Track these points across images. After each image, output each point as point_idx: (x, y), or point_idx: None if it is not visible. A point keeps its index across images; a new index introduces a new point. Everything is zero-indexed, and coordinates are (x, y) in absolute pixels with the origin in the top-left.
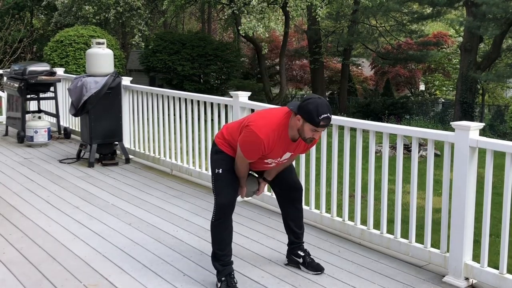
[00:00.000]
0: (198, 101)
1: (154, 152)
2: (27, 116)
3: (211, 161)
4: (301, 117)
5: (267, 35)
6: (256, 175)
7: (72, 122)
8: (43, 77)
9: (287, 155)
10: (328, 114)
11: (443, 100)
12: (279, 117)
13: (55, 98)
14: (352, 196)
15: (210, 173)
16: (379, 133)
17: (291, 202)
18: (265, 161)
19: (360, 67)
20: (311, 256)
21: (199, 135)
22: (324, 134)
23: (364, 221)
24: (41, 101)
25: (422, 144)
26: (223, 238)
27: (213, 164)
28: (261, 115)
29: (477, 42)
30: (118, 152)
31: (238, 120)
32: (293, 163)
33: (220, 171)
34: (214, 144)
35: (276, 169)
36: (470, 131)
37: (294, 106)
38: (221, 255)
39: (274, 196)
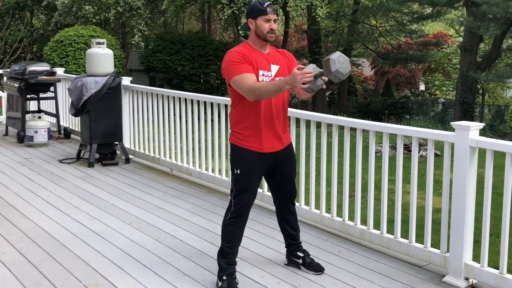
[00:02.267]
0: (198, 101)
1: (154, 152)
2: (27, 116)
3: (229, 160)
4: (250, 18)
5: None
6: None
7: (72, 122)
8: (43, 77)
9: (275, 67)
10: (270, 1)
11: (443, 100)
12: (241, 44)
13: (55, 98)
14: (352, 196)
15: (210, 173)
16: (379, 133)
17: (287, 205)
18: (262, 73)
19: (360, 67)
20: (311, 256)
21: (199, 135)
22: (324, 134)
23: (364, 221)
24: (41, 101)
25: (422, 144)
26: (234, 237)
27: (231, 164)
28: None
29: (477, 42)
30: (118, 152)
31: None
32: (295, 164)
33: (238, 172)
34: (229, 142)
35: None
36: (470, 131)
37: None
38: (229, 253)
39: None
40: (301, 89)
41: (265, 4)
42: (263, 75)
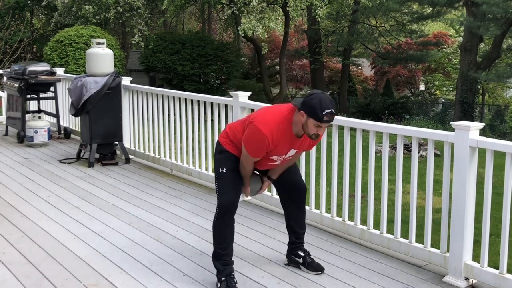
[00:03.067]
0: (198, 101)
1: (154, 152)
2: (27, 116)
3: (215, 160)
4: (305, 112)
5: (266, 36)
6: (259, 174)
7: (72, 122)
8: (43, 77)
9: (292, 152)
10: (332, 109)
11: (443, 100)
12: (283, 112)
13: (55, 98)
14: (352, 196)
15: (210, 173)
16: (379, 133)
17: (294, 202)
18: (271, 157)
19: (360, 67)
20: (311, 256)
21: (199, 135)
22: (324, 134)
23: (364, 221)
24: (41, 101)
25: (422, 144)
26: (225, 238)
27: (217, 163)
28: (265, 112)
29: (477, 42)
30: (118, 152)
31: (241, 119)
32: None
33: (224, 171)
34: (218, 143)
35: (282, 166)
36: (470, 131)
37: (298, 102)
38: (222, 254)
39: (274, 196)
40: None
41: (325, 112)
42: (276, 158)
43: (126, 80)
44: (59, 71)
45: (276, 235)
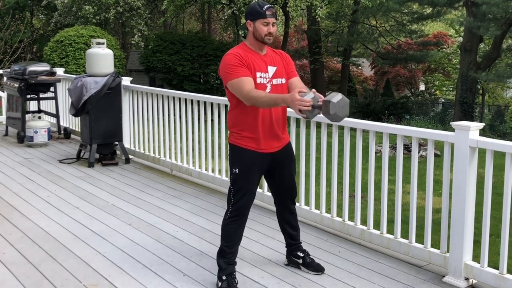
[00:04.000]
0: (198, 101)
1: (154, 152)
2: (27, 116)
3: (228, 159)
4: (249, 20)
5: None
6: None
7: (72, 122)
8: (43, 77)
9: (273, 69)
10: (269, 4)
11: (443, 100)
12: (238, 45)
13: (55, 98)
14: (352, 196)
15: (210, 173)
16: (379, 133)
17: (288, 205)
18: (257, 78)
19: (360, 67)
20: (311, 256)
21: (199, 135)
22: (324, 134)
23: (364, 221)
24: (41, 101)
25: (422, 144)
26: (233, 237)
27: (230, 163)
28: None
29: (477, 42)
30: (118, 152)
31: None
32: (295, 163)
33: (237, 171)
34: (228, 142)
35: (295, 84)
36: (470, 131)
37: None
38: (228, 252)
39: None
40: (296, 113)
41: (265, 7)
42: (260, 76)
43: (126, 80)
44: (59, 71)
45: (276, 235)
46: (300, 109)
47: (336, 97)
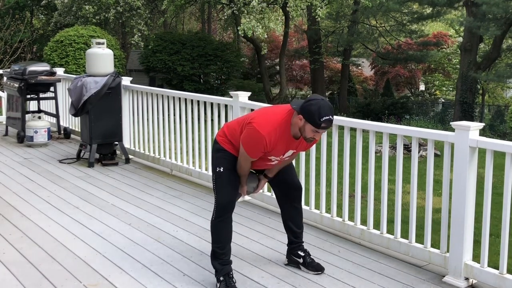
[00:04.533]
0: (198, 101)
1: (154, 152)
2: (27, 116)
3: (212, 159)
4: (303, 117)
5: (266, 36)
6: (255, 172)
7: (72, 122)
8: (43, 77)
9: (289, 152)
10: (330, 117)
11: (443, 100)
12: (281, 114)
13: (55, 98)
14: (352, 196)
15: (210, 173)
16: (379, 133)
17: (290, 201)
18: (268, 158)
19: (360, 67)
20: (311, 256)
21: (199, 135)
22: (324, 134)
23: (364, 221)
24: (41, 101)
25: (422, 144)
26: (222, 237)
27: (214, 162)
28: (263, 113)
29: (477, 42)
30: (118, 152)
31: (238, 118)
32: (293, 162)
33: (222, 170)
34: (215, 142)
35: (278, 166)
36: (470, 131)
37: (297, 105)
38: (220, 253)
39: (274, 196)
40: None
41: (323, 119)
42: (274, 159)
43: (126, 80)
44: (59, 71)
45: (276, 235)
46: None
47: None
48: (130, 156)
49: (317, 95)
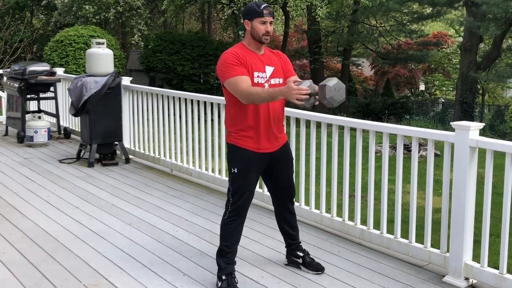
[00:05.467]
0: (198, 101)
1: (154, 152)
2: (27, 116)
3: (226, 159)
4: (246, 19)
5: None
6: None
7: (72, 122)
8: (43, 77)
9: (270, 69)
10: (266, 4)
11: (443, 100)
12: (236, 45)
13: (55, 98)
14: (352, 196)
15: (210, 173)
16: (379, 133)
17: (286, 205)
18: (255, 78)
19: (360, 67)
20: (311, 256)
21: (199, 135)
22: (324, 134)
23: (364, 221)
24: (41, 101)
25: (422, 144)
26: (232, 236)
27: (229, 163)
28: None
29: (477, 42)
30: (118, 152)
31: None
32: (293, 163)
33: (236, 170)
34: (226, 142)
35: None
36: (470, 131)
37: (240, 27)
38: (228, 252)
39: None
40: (295, 103)
41: (262, 6)
42: (258, 76)
43: (126, 80)
44: (59, 71)
45: (276, 235)
46: (298, 98)
47: (332, 81)
48: (130, 156)
49: None
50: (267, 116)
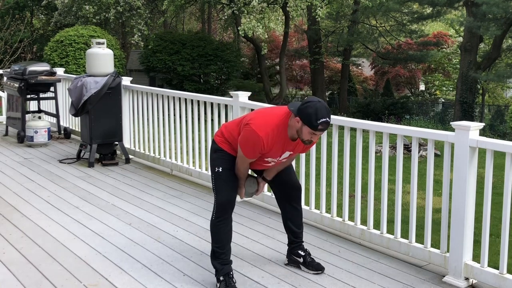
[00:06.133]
0: (198, 101)
1: (154, 152)
2: (27, 116)
3: (210, 159)
4: (300, 119)
5: (266, 36)
6: (255, 175)
7: (72, 122)
8: (43, 77)
9: (287, 154)
10: (327, 119)
11: (443, 100)
12: (279, 116)
13: (55, 98)
14: (352, 196)
15: (210, 173)
16: (379, 133)
17: (290, 201)
18: (265, 159)
19: (360, 67)
20: (311, 256)
21: (199, 135)
22: (324, 134)
23: (364, 221)
24: (41, 101)
25: (422, 144)
26: (222, 237)
27: (213, 162)
28: (261, 114)
29: (477, 42)
30: (118, 152)
31: (236, 119)
32: (293, 163)
33: (220, 170)
34: (213, 142)
35: (276, 168)
36: (470, 131)
37: (294, 107)
38: (220, 253)
39: (274, 196)
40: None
41: (320, 121)
42: (271, 160)
43: (126, 80)
44: (59, 71)
45: (276, 235)
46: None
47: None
48: (130, 156)
49: (314, 97)
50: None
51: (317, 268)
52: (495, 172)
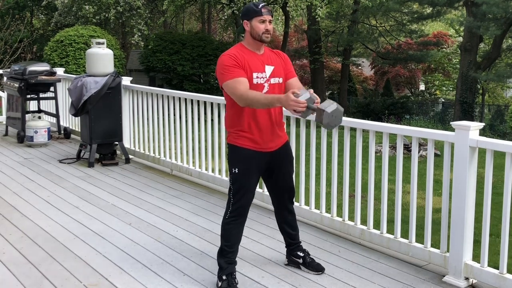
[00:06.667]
0: (198, 101)
1: (154, 152)
2: (27, 116)
3: (227, 160)
4: (245, 19)
5: None
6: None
7: (72, 122)
8: (43, 77)
9: (270, 69)
10: (264, 3)
11: (443, 100)
12: (234, 46)
13: (55, 98)
14: (352, 196)
15: (210, 173)
16: (379, 133)
17: (286, 204)
18: (254, 79)
19: (360, 67)
20: (311, 256)
21: (199, 135)
22: (324, 134)
23: (364, 221)
24: (41, 101)
25: (422, 144)
26: (233, 236)
27: (230, 163)
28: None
29: (477, 42)
30: (118, 152)
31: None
32: (293, 163)
33: (237, 171)
34: (226, 142)
35: (293, 85)
36: (470, 131)
37: (239, 29)
38: (228, 252)
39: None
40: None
41: (260, 6)
42: (257, 77)
43: (126, 80)
44: (59, 71)
45: (276, 235)
46: (295, 109)
47: (331, 106)
48: (130, 156)
49: None
50: (267, 115)
51: (317, 268)
52: (495, 172)
